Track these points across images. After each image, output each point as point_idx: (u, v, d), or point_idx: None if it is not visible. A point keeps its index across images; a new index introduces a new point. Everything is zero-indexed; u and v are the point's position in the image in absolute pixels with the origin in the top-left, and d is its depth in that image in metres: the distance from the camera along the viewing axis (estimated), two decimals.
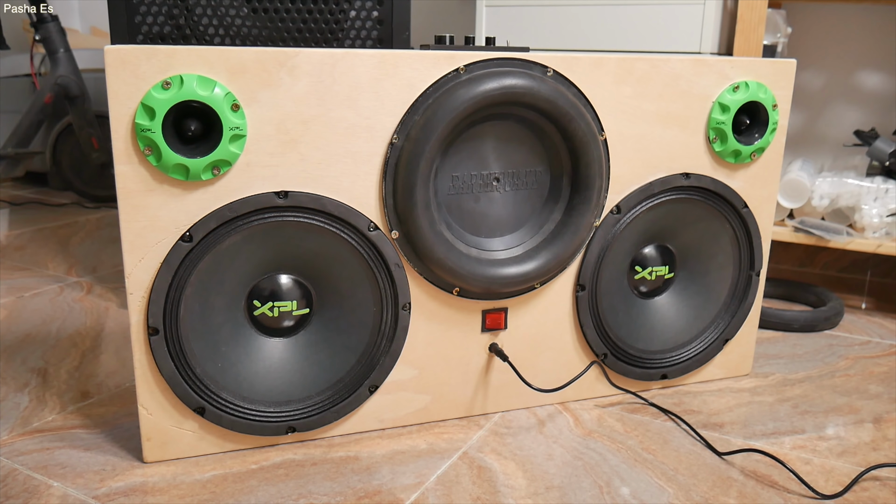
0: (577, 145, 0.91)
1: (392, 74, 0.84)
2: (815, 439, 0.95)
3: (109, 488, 0.81)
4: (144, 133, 0.76)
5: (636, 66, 0.94)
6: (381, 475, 0.85)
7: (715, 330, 1.08)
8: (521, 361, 0.99)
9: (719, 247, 1.06)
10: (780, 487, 0.83)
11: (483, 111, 0.87)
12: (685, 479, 0.85)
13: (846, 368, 1.17)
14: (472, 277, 0.90)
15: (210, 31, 1.12)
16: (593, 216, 0.95)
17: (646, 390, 1.07)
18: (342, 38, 1.15)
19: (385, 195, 0.87)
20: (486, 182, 0.92)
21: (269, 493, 0.81)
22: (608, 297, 1.02)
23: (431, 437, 0.93)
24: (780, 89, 1.02)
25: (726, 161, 1.02)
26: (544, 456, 0.89)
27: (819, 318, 1.33)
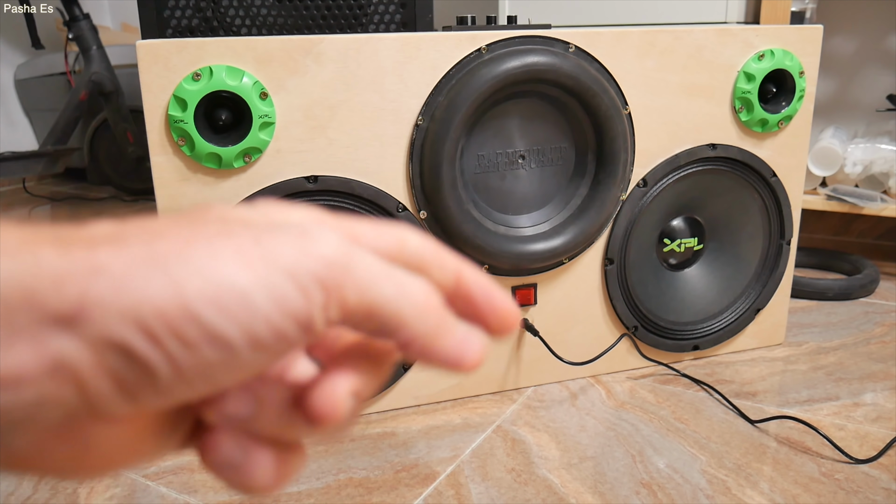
0: (601, 120, 0.91)
1: (415, 57, 0.85)
2: (849, 406, 0.95)
3: (158, 467, 0.84)
4: (177, 124, 0.78)
5: (659, 39, 0.94)
6: (418, 449, 0.87)
7: (746, 300, 1.08)
8: (551, 336, 1.00)
9: (748, 217, 1.06)
10: (813, 453, 0.84)
11: (506, 90, 0.88)
12: (718, 447, 0.85)
13: (882, 335, 1.17)
14: (500, 254, 0.92)
15: (237, 23, 1.14)
16: (619, 190, 0.95)
17: (677, 362, 1.08)
18: (366, 23, 1.16)
19: (412, 176, 0.88)
20: (511, 160, 0.93)
21: (310, 468, 0.83)
22: (637, 270, 1.02)
23: (465, 412, 0.95)
24: (806, 56, 1.01)
25: (753, 130, 1.01)
26: (577, 428, 0.91)
27: (854, 286, 1.32)
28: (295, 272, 0.19)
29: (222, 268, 0.18)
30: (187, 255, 0.18)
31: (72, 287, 0.17)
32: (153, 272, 0.17)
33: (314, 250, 0.19)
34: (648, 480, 0.79)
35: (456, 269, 0.25)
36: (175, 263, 0.18)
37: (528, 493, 0.78)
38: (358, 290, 0.20)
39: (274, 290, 0.18)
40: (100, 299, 0.17)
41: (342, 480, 0.81)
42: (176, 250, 0.18)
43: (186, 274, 0.18)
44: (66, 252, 0.17)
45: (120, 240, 0.18)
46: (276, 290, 0.18)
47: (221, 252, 0.18)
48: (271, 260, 0.19)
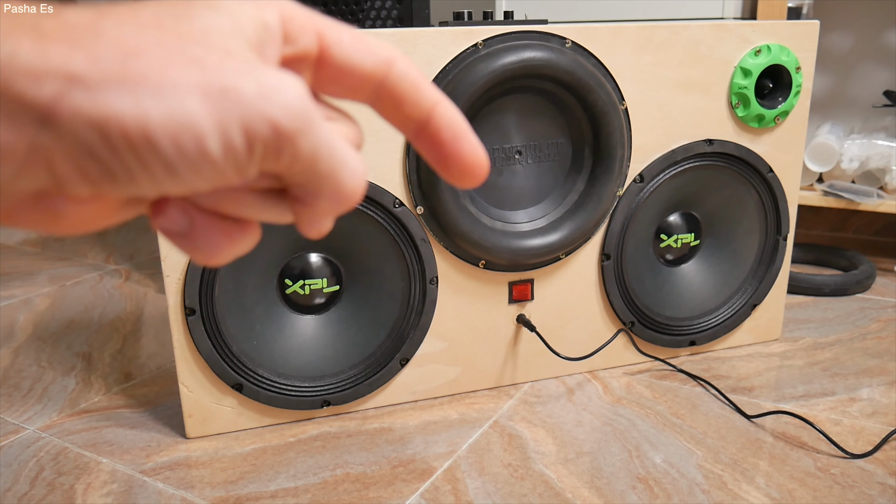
0: (598, 115, 0.91)
1: (411, 52, 0.85)
2: (845, 401, 0.95)
3: (155, 463, 0.84)
4: None
5: (655, 34, 0.94)
6: (415, 445, 0.87)
7: (743, 296, 1.09)
8: (548, 331, 1.00)
9: (745, 212, 1.06)
10: (809, 448, 0.84)
11: (503, 85, 0.88)
12: (714, 442, 0.86)
13: (878, 331, 1.17)
14: (497, 250, 0.92)
15: None
16: (616, 186, 0.95)
17: (674, 357, 1.08)
18: (363, 18, 1.16)
19: (409, 172, 0.88)
20: (508, 155, 0.93)
21: (308, 464, 0.84)
22: (634, 266, 1.02)
23: (462, 408, 0.96)
24: (803, 51, 1.01)
25: (750, 126, 1.01)
26: (574, 423, 0.91)
27: (850, 282, 1.32)
28: (249, 126, 0.20)
29: (187, 104, 0.19)
30: (157, 83, 0.19)
31: (48, 87, 0.18)
32: (123, 93, 0.19)
33: (274, 105, 0.20)
34: (645, 475, 0.80)
35: (431, 104, 0.25)
36: (144, 89, 0.19)
37: (525, 487, 0.78)
38: (298, 159, 0.21)
39: (226, 138, 0.20)
40: (72, 106, 0.18)
41: (339, 476, 0.81)
42: (147, 74, 0.19)
43: (153, 103, 0.19)
44: (44, 49, 0.19)
45: (96, 42, 0.19)
46: (228, 139, 0.20)
47: (189, 86, 0.19)
48: (232, 106, 0.20)
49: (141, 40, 0.20)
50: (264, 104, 0.20)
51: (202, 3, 0.22)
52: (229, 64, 0.20)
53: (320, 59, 0.25)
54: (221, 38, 0.21)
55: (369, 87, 0.25)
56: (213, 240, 0.23)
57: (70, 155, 0.19)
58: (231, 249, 0.24)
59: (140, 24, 0.20)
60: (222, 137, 0.20)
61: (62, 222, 0.22)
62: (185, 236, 0.23)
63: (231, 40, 0.22)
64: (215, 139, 0.20)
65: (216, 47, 0.21)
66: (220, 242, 0.24)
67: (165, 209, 0.23)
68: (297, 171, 0.22)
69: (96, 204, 0.22)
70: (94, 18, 0.20)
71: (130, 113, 0.19)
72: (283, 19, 0.23)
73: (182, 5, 0.22)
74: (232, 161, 0.20)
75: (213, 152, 0.20)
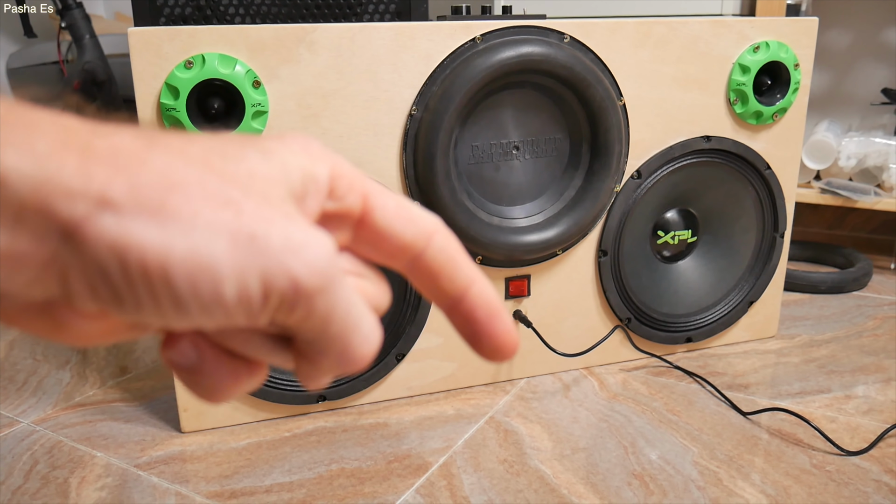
0: (596, 111, 0.91)
1: (409, 47, 0.85)
2: (841, 398, 0.95)
3: (150, 457, 0.84)
4: (169, 112, 0.78)
5: (654, 30, 0.94)
6: (410, 440, 0.87)
7: (739, 293, 1.09)
8: (545, 327, 1.00)
9: (742, 209, 1.06)
10: (805, 445, 0.84)
11: (500, 80, 0.88)
12: (710, 439, 0.86)
13: (874, 328, 1.17)
14: (494, 245, 0.92)
15: (230, 11, 1.13)
16: (613, 181, 0.95)
17: (670, 354, 1.08)
18: (361, 12, 1.16)
19: (406, 166, 0.88)
20: (505, 150, 0.93)
21: (303, 458, 0.83)
22: (631, 262, 1.02)
23: (458, 403, 0.95)
24: (801, 48, 1.01)
25: (748, 122, 1.01)
26: (570, 419, 0.91)
27: (847, 279, 1.32)
28: (269, 277, 0.20)
29: (212, 246, 0.19)
30: (189, 220, 0.19)
31: (81, 206, 0.19)
32: (153, 224, 0.19)
33: (298, 260, 0.20)
34: (640, 472, 0.80)
35: (467, 283, 0.25)
36: (175, 224, 0.19)
37: (521, 483, 0.78)
38: (311, 317, 0.21)
39: (244, 286, 0.20)
40: (100, 230, 0.19)
41: (334, 471, 0.81)
42: (181, 210, 0.19)
43: (180, 239, 0.19)
44: (87, 169, 0.19)
45: (140, 171, 0.19)
46: (246, 286, 0.20)
47: (219, 228, 0.19)
48: (257, 255, 0.20)
49: (184, 175, 0.20)
50: (289, 258, 0.20)
51: (256, 147, 0.22)
52: (264, 213, 0.20)
53: (361, 221, 0.24)
54: (264, 185, 0.21)
55: (406, 256, 0.25)
56: (219, 379, 0.23)
57: (85, 273, 0.19)
58: (235, 390, 0.24)
59: (187, 160, 0.20)
60: (239, 284, 0.20)
61: (66, 333, 0.21)
62: (193, 372, 0.23)
63: (274, 188, 0.21)
64: (232, 285, 0.19)
65: (257, 193, 0.21)
66: (226, 382, 0.23)
67: (177, 343, 0.23)
68: (308, 328, 0.22)
69: (102, 322, 0.22)
70: (145, 146, 0.20)
71: (153, 245, 0.19)
72: (332, 175, 0.23)
73: (235, 146, 0.22)
74: (244, 308, 0.20)
75: (228, 297, 0.20)
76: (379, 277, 0.26)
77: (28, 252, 0.19)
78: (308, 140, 0.24)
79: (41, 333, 0.22)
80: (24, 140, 0.19)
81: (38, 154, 0.18)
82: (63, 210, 0.18)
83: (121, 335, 0.23)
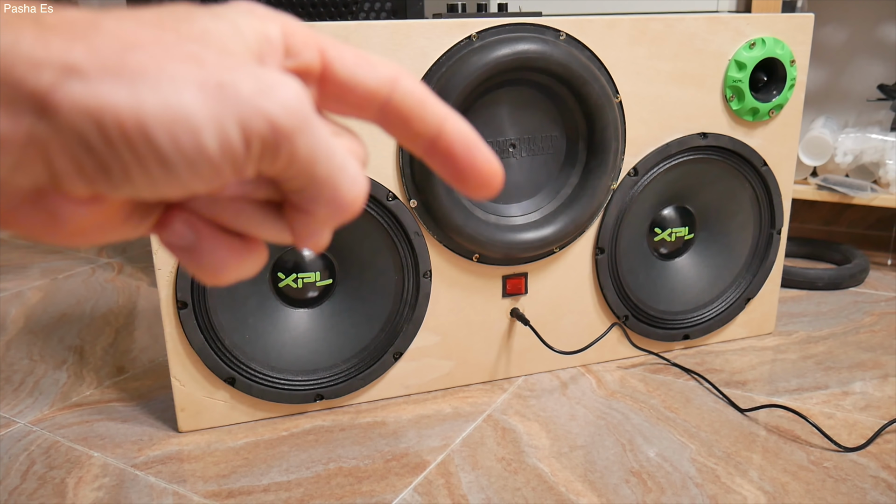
0: (592, 108, 0.91)
1: (405, 45, 0.84)
2: (838, 395, 0.95)
3: (147, 457, 0.84)
4: None
5: (650, 27, 0.94)
6: (408, 438, 0.87)
7: (736, 289, 1.09)
8: (542, 325, 1.00)
9: (739, 206, 1.06)
10: (802, 441, 0.84)
11: (496, 77, 0.88)
12: (708, 436, 0.86)
13: (871, 324, 1.17)
14: (491, 244, 0.91)
15: None
16: (610, 179, 0.95)
17: (668, 351, 1.08)
18: (356, 11, 1.15)
19: (402, 165, 0.88)
20: (502, 148, 0.93)
21: (300, 458, 0.83)
22: (628, 260, 1.02)
23: (456, 402, 0.95)
24: (797, 44, 1.01)
25: (744, 119, 1.01)
26: (567, 417, 0.91)
27: (844, 276, 1.32)
28: (247, 122, 0.20)
29: (183, 97, 0.19)
30: (155, 76, 0.19)
31: (47, 75, 0.18)
32: (120, 84, 0.19)
33: (272, 102, 0.20)
34: (638, 469, 0.80)
35: (439, 120, 0.25)
36: (142, 81, 0.19)
37: (519, 481, 0.78)
38: (295, 160, 0.21)
39: (223, 133, 0.20)
40: (69, 95, 0.18)
41: (332, 470, 0.81)
42: (145, 67, 0.19)
43: (150, 94, 0.19)
44: (45, 39, 0.19)
45: (96, 36, 0.19)
46: (225, 134, 0.20)
47: (186, 80, 0.19)
48: (229, 101, 0.20)
49: (140, 36, 0.20)
50: (262, 100, 0.20)
51: (204, 11, 0.22)
52: (228, 62, 0.20)
53: (323, 76, 0.24)
54: (221, 40, 0.21)
55: (374, 104, 0.25)
56: (218, 256, 0.23)
57: (66, 147, 0.19)
58: (237, 267, 0.24)
59: (140, 22, 0.20)
60: (219, 133, 0.20)
61: (63, 228, 0.21)
62: (191, 252, 0.23)
63: (230, 42, 0.22)
64: (212, 134, 0.19)
65: (215, 46, 0.21)
66: (226, 259, 0.23)
67: (171, 222, 0.23)
68: (295, 174, 0.22)
69: (97, 209, 0.22)
70: (96, 16, 0.20)
71: (126, 104, 0.19)
72: (284, 33, 0.23)
73: (183, 10, 0.22)
74: (229, 158, 0.20)
75: (210, 148, 0.20)
76: (352, 133, 0.26)
77: (5, 131, 0.18)
78: (252, 3, 0.24)
79: (37, 231, 0.21)
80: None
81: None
82: (30, 80, 0.18)
83: (119, 228, 0.23)
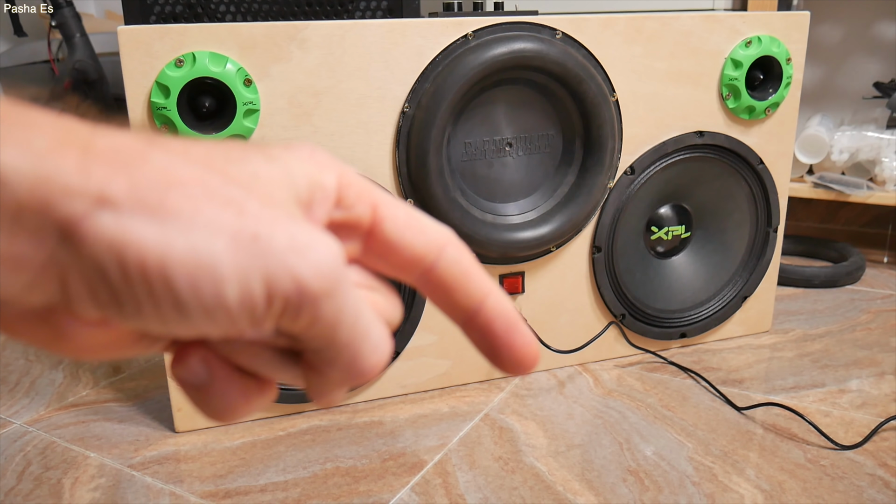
0: (589, 107, 0.91)
1: (401, 43, 0.84)
2: (835, 393, 0.95)
3: (143, 457, 0.84)
4: (160, 111, 0.77)
5: (646, 25, 0.94)
6: (405, 438, 0.87)
7: (733, 288, 1.09)
8: (539, 324, 1.00)
9: (735, 204, 1.06)
10: (799, 440, 0.84)
11: (493, 76, 0.87)
12: (705, 434, 0.86)
13: (867, 322, 1.17)
14: (487, 243, 0.91)
15: (221, 9, 1.12)
16: (607, 178, 0.95)
17: (665, 349, 1.08)
18: (352, 9, 1.15)
19: (398, 164, 0.88)
20: (498, 147, 0.93)
21: (297, 457, 0.83)
22: (625, 258, 1.02)
23: (453, 401, 0.95)
24: (793, 43, 1.01)
25: (740, 117, 1.01)
26: (565, 416, 0.91)
27: (840, 274, 1.32)
28: (273, 279, 0.19)
29: (213, 245, 0.19)
30: (189, 219, 0.19)
31: (79, 204, 0.18)
32: (152, 222, 0.18)
33: (303, 261, 0.19)
34: (635, 468, 0.80)
35: (482, 295, 0.24)
36: (174, 221, 0.18)
37: (516, 480, 0.78)
38: (317, 322, 0.20)
39: (246, 287, 0.19)
40: (98, 228, 0.18)
41: (329, 469, 0.81)
42: (182, 208, 0.19)
43: (179, 237, 0.18)
44: (87, 168, 0.18)
45: (140, 168, 0.19)
46: (248, 288, 0.19)
47: (220, 227, 0.19)
48: (260, 255, 0.19)
49: (185, 174, 0.19)
50: (293, 259, 0.19)
51: (259, 153, 0.21)
52: (268, 213, 0.20)
53: (371, 232, 0.24)
54: (269, 186, 0.21)
55: (417, 269, 0.24)
56: (229, 397, 0.22)
57: (83, 273, 0.18)
58: (245, 409, 0.23)
59: (189, 160, 0.20)
60: (242, 286, 0.19)
61: (68, 343, 0.21)
62: (202, 390, 0.22)
63: (278, 190, 0.21)
64: (234, 286, 0.19)
65: (260, 194, 0.20)
66: (236, 401, 0.23)
67: (186, 359, 0.22)
68: (315, 335, 0.21)
69: (105, 331, 0.21)
70: (146, 146, 0.19)
71: (152, 243, 0.18)
72: (340, 184, 0.23)
73: (238, 150, 0.21)
74: (247, 312, 0.19)
75: (230, 299, 0.19)
76: (390, 291, 0.25)
77: (26, 253, 0.18)
78: (315, 148, 0.23)
79: (41, 344, 0.21)
80: (22, 138, 0.18)
81: (36, 152, 0.18)
82: (61, 208, 0.18)
83: (124, 348, 0.22)
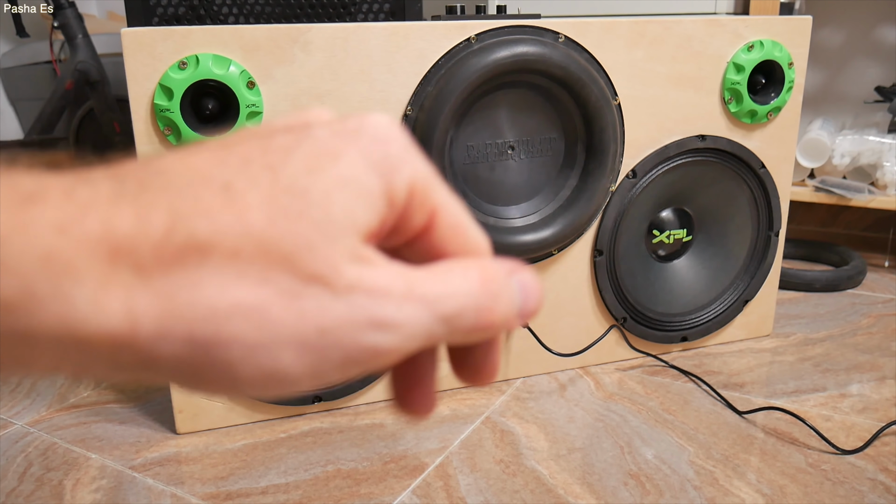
0: (591, 111, 0.91)
1: (404, 47, 0.84)
2: (836, 397, 0.95)
3: (145, 459, 0.84)
4: (163, 113, 0.77)
5: (648, 29, 0.94)
6: (406, 441, 0.87)
7: (734, 291, 1.09)
8: (540, 327, 1.00)
9: (737, 208, 1.06)
10: (800, 444, 0.84)
11: (495, 80, 0.88)
12: (705, 438, 0.86)
13: (868, 326, 1.17)
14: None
15: (224, 11, 1.13)
16: (609, 181, 0.95)
17: (666, 353, 1.08)
18: (355, 12, 1.15)
19: None
20: (501, 150, 0.93)
21: (298, 459, 0.83)
22: (626, 262, 1.02)
23: (454, 404, 0.95)
24: (795, 47, 1.01)
25: (742, 121, 1.01)
26: (566, 419, 0.91)
27: (841, 278, 1.33)
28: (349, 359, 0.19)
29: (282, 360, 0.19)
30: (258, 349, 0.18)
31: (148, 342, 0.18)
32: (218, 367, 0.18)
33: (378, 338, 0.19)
34: (636, 471, 0.80)
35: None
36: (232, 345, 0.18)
37: (517, 484, 0.78)
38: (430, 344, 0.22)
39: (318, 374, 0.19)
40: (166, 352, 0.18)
41: (330, 472, 0.81)
42: (245, 335, 0.18)
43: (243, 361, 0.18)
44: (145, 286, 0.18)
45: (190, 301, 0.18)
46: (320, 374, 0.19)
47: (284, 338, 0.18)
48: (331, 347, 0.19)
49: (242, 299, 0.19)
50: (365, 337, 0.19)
51: (307, 147, 0.20)
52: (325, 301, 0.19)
53: (418, 234, 0.23)
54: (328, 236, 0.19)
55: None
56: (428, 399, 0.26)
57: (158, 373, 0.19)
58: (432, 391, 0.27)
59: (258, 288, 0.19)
60: (314, 375, 0.19)
61: None
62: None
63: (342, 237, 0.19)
64: (307, 378, 0.19)
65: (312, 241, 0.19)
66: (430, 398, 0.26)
67: (414, 398, 0.26)
68: None
69: None
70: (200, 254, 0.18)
71: (222, 378, 0.19)
72: (410, 191, 0.21)
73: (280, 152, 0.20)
74: (316, 384, 0.20)
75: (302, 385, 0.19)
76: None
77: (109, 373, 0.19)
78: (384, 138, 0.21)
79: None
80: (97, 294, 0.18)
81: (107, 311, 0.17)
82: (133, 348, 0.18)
83: None
